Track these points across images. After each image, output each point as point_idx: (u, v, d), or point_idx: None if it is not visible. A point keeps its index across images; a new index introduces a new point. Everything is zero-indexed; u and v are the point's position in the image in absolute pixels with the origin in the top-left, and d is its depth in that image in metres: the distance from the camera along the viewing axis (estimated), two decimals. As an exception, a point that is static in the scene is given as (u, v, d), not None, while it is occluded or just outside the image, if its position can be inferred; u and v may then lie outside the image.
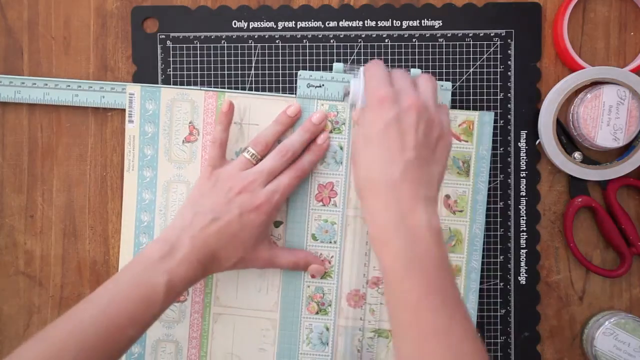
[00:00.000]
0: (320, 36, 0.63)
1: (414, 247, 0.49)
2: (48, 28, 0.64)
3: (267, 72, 0.64)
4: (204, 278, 0.60)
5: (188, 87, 0.63)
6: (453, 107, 0.63)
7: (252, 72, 0.64)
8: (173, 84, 0.64)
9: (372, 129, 0.52)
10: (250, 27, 0.64)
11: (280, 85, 0.63)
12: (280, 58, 0.64)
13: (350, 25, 0.63)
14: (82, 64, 0.64)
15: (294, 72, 0.63)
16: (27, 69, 0.64)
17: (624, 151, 0.63)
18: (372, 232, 0.51)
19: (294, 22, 0.63)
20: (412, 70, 0.62)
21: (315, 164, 0.62)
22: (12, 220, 0.65)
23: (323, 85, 0.62)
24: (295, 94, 0.63)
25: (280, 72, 0.64)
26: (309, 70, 0.63)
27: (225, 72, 0.64)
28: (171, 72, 0.64)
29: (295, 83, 0.63)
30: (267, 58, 0.64)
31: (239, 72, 0.64)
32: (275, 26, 0.64)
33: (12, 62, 0.64)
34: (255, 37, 0.64)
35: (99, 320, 0.52)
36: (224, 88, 0.63)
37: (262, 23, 0.64)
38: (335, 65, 0.63)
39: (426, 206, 0.50)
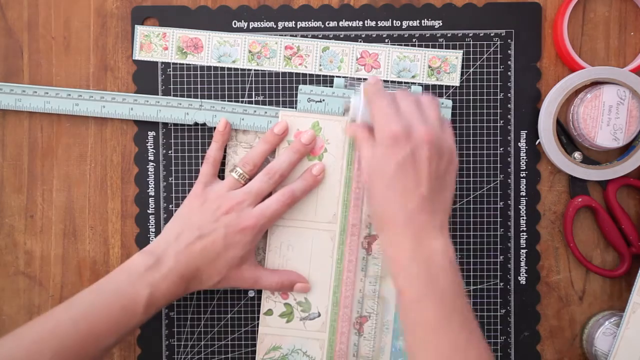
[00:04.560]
0: (320, 36, 0.63)
1: (431, 271, 0.51)
2: (48, 28, 0.64)
3: (267, 71, 0.64)
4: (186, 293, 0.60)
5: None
6: (453, 109, 0.63)
7: (252, 72, 0.64)
8: (173, 84, 0.64)
9: (386, 167, 0.53)
10: (250, 27, 0.64)
11: (280, 85, 0.63)
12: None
13: (350, 25, 0.63)
14: (82, 64, 0.64)
15: (293, 72, 0.63)
16: (27, 69, 0.64)
17: (624, 151, 0.63)
18: (391, 257, 0.53)
19: (294, 22, 0.64)
20: (413, 87, 0.62)
21: (307, 193, 0.61)
22: (12, 220, 0.65)
23: (323, 100, 0.62)
24: (296, 107, 0.63)
25: (281, 71, 0.64)
26: (309, 70, 0.63)
27: (226, 72, 0.64)
28: (171, 72, 0.64)
29: (296, 90, 0.63)
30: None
31: (239, 72, 0.64)
32: (275, 26, 0.64)
33: (12, 62, 0.64)
34: (255, 37, 0.64)
35: (78, 324, 0.52)
36: (224, 87, 0.63)
37: (262, 23, 0.64)
38: (336, 80, 0.63)
39: (441, 234, 0.52)
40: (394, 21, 0.63)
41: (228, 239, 0.57)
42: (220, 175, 0.63)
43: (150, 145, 0.64)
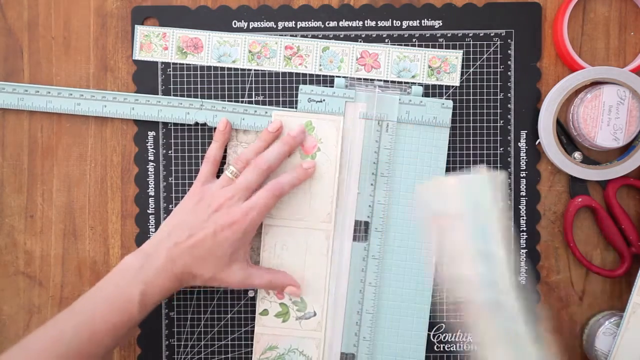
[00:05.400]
0: (320, 36, 0.63)
1: None
2: (48, 28, 0.64)
3: (267, 71, 0.64)
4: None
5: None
6: (453, 109, 0.63)
7: (252, 72, 0.64)
8: (173, 84, 0.64)
9: None
10: (250, 27, 0.64)
11: (280, 85, 0.63)
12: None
13: (350, 25, 0.63)
14: (82, 64, 0.64)
15: (293, 72, 0.63)
16: (27, 69, 0.64)
17: (624, 151, 0.63)
18: None
19: (294, 22, 0.64)
20: (413, 87, 0.62)
21: (295, 186, 0.61)
22: (12, 220, 0.65)
23: (324, 100, 0.62)
24: (296, 107, 0.63)
25: (281, 72, 0.64)
26: (309, 70, 0.63)
27: (226, 72, 0.64)
28: (171, 72, 0.64)
29: (296, 90, 0.63)
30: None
31: (239, 72, 0.64)
32: (275, 26, 0.64)
33: (12, 62, 0.64)
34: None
35: (81, 331, 0.54)
36: (224, 87, 0.63)
37: (262, 23, 0.64)
38: (337, 80, 0.63)
39: None
40: (394, 21, 0.63)
41: (217, 235, 0.57)
42: (221, 175, 0.63)
43: (150, 145, 0.64)
